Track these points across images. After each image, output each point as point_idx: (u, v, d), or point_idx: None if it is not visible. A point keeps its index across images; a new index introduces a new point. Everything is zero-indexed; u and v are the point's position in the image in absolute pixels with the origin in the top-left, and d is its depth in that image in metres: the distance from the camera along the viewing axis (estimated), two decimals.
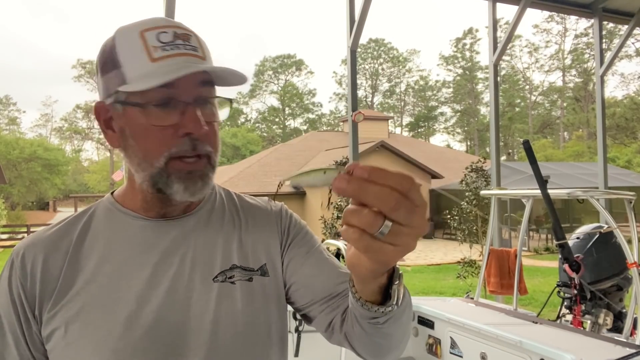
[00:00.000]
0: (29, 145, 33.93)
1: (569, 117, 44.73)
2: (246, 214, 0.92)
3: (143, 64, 0.74)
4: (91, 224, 0.83)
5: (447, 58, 51.34)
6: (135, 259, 0.80)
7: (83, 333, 0.74)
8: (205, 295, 0.80)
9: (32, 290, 0.77)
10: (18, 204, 34.30)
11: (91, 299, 0.76)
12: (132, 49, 0.75)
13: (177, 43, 0.75)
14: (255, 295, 0.84)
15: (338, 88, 55.05)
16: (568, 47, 45.90)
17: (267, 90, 55.61)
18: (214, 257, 0.84)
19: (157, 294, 0.78)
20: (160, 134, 0.75)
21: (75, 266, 0.78)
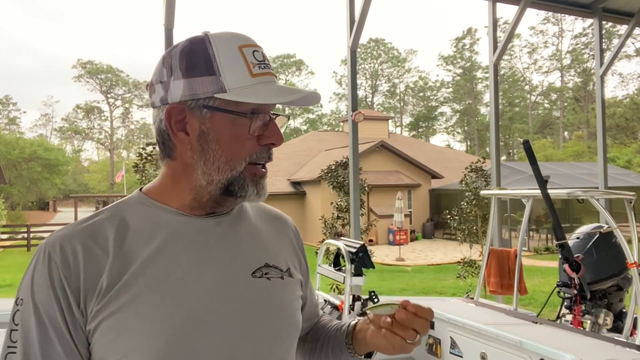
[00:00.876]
0: (29, 145, 33.92)
1: (569, 117, 44.73)
2: (269, 220, 1.02)
3: (245, 78, 0.82)
4: (127, 219, 0.85)
5: (446, 58, 51.34)
6: (179, 253, 0.83)
7: (134, 324, 0.76)
8: (247, 290, 0.85)
9: (76, 283, 0.77)
10: (18, 204, 34.30)
11: (140, 291, 0.78)
12: (234, 61, 0.82)
13: (265, 62, 0.86)
14: (287, 292, 0.92)
15: (338, 88, 55.06)
16: (565, 48, 45.95)
17: None
18: (250, 254, 0.90)
19: (203, 287, 0.81)
20: (247, 142, 0.84)
21: (120, 261, 0.79)
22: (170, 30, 5.51)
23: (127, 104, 52.75)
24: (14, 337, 0.77)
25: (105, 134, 53.28)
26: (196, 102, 0.82)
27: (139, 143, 46.81)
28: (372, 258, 2.89)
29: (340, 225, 9.40)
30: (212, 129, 0.83)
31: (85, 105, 51.87)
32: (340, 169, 10.13)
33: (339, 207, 9.49)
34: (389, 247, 17.32)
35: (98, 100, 52.32)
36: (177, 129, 0.84)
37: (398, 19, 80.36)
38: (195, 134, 0.83)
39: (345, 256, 2.77)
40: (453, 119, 53.46)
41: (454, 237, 15.13)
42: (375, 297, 2.82)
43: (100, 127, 53.52)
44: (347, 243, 2.92)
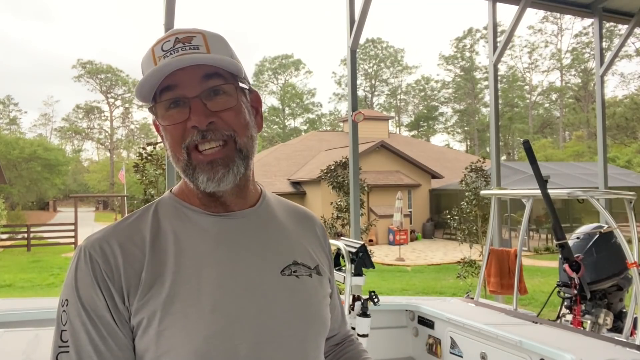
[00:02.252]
0: (29, 145, 33.89)
1: (569, 117, 44.71)
2: (296, 217, 1.02)
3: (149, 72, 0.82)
4: (160, 220, 0.87)
5: (447, 58, 51.35)
6: (210, 253, 0.84)
7: (173, 322, 0.78)
8: (277, 287, 0.86)
9: (119, 282, 0.79)
10: (18, 204, 34.29)
11: (177, 290, 0.79)
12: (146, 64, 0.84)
13: (176, 47, 0.82)
14: (316, 290, 0.92)
15: (338, 88, 55.09)
16: (565, 47, 45.93)
17: (267, 90, 55.63)
18: (279, 252, 0.91)
19: (235, 285, 0.83)
20: (176, 131, 0.83)
21: (156, 259, 0.82)
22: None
23: (127, 104, 52.78)
24: (64, 337, 0.78)
25: (105, 134, 53.32)
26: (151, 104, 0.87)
27: (139, 143, 46.76)
28: (372, 258, 2.89)
29: (340, 225, 9.40)
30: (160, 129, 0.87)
31: (85, 105, 51.89)
32: (340, 169, 10.14)
33: (338, 207, 9.50)
34: (389, 247, 17.31)
35: (98, 100, 52.39)
36: (157, 130, 0.90)
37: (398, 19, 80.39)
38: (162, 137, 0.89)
39: (345, 256, 2.77)
40: (453, 119, 53.47)
41: (454, 237, 15.13)
42: (375, 297, 2.82)
43: (100, 127, 53.56)
44: (347, 243, 2.92)
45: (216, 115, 0.82)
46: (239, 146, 0.84)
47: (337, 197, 9.88)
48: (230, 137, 0.83)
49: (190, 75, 0.81)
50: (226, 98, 0.84)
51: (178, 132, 0.83)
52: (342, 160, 10.15)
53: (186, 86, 0.81)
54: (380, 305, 2.88)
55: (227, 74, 0.84)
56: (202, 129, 0.81)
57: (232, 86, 0.84)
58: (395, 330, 3.30)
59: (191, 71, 0.81)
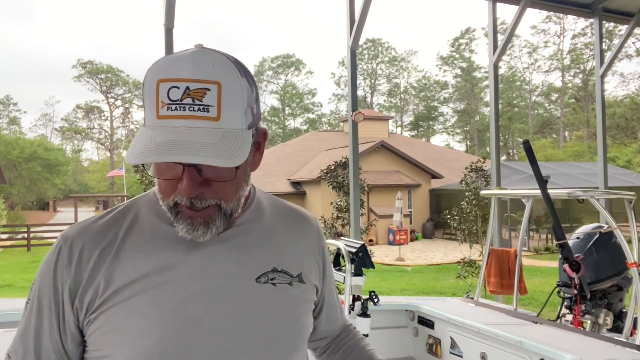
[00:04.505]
0: (29, 145, 33.89)
1: (569, 117, 44.71)
2: (290, 220, 0.99)
3: (153, 117, 0.76)
4: (137, 218, 0.87)
5: (445, 58, 51.34)
6: (181, 254, 0.83)
7: (128, 319, 0.77)
8: (249, 295, 0.84)
9: (77, 278, 0.80)
10: (18, 204, 34.29)
11: (139, 289, 0.79)
12: (149, 96, 0.77)
13: (184, 102, 0.74)
14: (294, 299, 0.90)
15: (337, 88, 55.09)
16: (567, 47, 45.93)
17: (267, 90, 55.64)
18: (256, 259, 0.88)
19: (203, 290, 0.81)
20: (165, 184, 0.81)
21: (122, 257, 0.81)
22: (170, 30, 5.51)
23: (127, 104, 52.76)
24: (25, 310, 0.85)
25: (105, 134, 53.29)
26: None
27: None
28: (372, 258, 2.89)
29: (340, 225, 9.40)
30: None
31: (85, 105, 51.88)
32: (340, 169, 10.14)
33: (338, 207, 9.50)
34: (389, 247, 17.31)
35: (98, 100, 52.38)
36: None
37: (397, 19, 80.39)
38: None
39: (345, 256, 2.77)
40: (452, 119, 53.47)
41: (454, 237, 15.13)
42: (375, 297, 2.81)
43: (100, 127, 53.54)
44: (347, 243, 2.92)
45: (207, 185, 0.78)
46: (224, 210, 0.81)
47: (337, 197, 9.88)
48: (216, 204, 0.80)
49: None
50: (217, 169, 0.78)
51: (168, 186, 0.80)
52: (342, 160, 10.15)
53: None
54: (380, 305, 2.88)
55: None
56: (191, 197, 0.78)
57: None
58: (395, 330, 3.30)
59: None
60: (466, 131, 52.50)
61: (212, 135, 0.74)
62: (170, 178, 0.79)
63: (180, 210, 0.81)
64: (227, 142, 0.74)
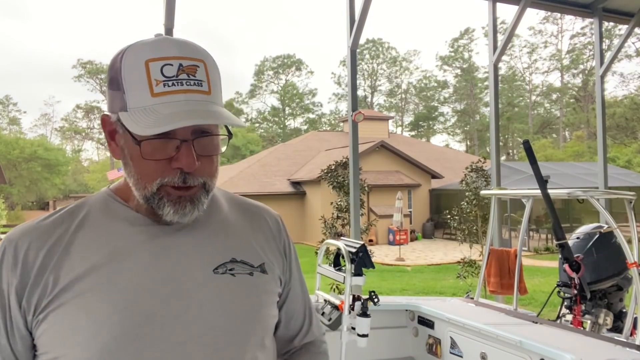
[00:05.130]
0: (29, 145, 33.93)
1: (569, 117, 44.72)
2: (246, 213, 0.98)
3: (144, 97, 0.76)
4: (87, 215, 0.85)
5: (444, 59, 51.36)
6: (134, 250, 0.81)
7: (79, 318, 0.76)
8: (206, 286, 0.83)
9: (23, 279, 0.78)
10: (18, 204, 34.30)
11: (90, 286, 0.77)
12: (136, 78, 0.77)
13: (180, 78, 0.77)
14: (255, 289, 0.88)
15: (337, 88, 55.09)
16: (565, 47, 45.94)
17: (268, 90, 55.64)
18: (213, 250, 0.87)
19: (157, 284, 0.80)
20: (154, 165, 0.79)
21: (72, 254, 0.80)
22: (171, 30, 5.51)
23: None
24: None
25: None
26: (115, 116, 0.81)
27: None
28: (372, 258, 2.89)
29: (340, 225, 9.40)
30: (126, 146, 0.81)
31: (85, 105, 51.88)
32: (340, 169, 10.13)
33: (339, 207, 9.49)
34: (389, 247, 17.31)
35: (98, 100, 52.34)
36: (110, 138, 0.85)
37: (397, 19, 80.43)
38: (120, 147, 0.83)
39: (345, 256, 2.77)
40: (452, 120, 53.47)
41: (454, 237, 15.13)
42: (375, 297, 2.82)
43: (100, 127, 53.48)
44: (347, 243, 2.92)
45: (199, 160, 0.80)
46: (207, 188, 0.84)
47: (337, 197, 9.87)
48: (203, 182, 0.82)
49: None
50: (211, 143, 0.83)
51: (157, 167, 0.79)
52: (342, 160, 10.14)
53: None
54: (380, 305, 2.88)
55: None
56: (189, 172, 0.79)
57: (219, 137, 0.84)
58: (395, 330, 3.30)
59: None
60: (466, 131, 52.51)
61: (211, 106, 0.78)
62: (162, 158, 0.78)
63: (166, 193, 0.80)
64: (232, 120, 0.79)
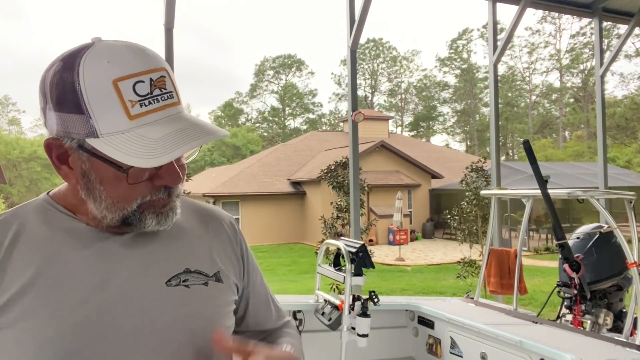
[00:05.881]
0: (29, 145, 33.96)
1: (569, 117, 44.72)
2: (200, 219, 0.94)
3: (121, 121, 0.69)
4: (26, 225, 0.78)
5: (443, 60, 51.36)
6: (82, 263, 0.76)
7: (23, 342, 0.70)
8: (159, 300, 0.79)
9: None
10: (17, 204, 34.30)
11: (29, 305, 0.71)
12: (105, 101, 0.69)
13: (154, 95, 0.71)
14: (211, 299, 0.85)
15: (338, 88, 55.08)
16: (564, 47, 45.94)
17: (268, 90, 55.65)
18: (166, 261, 0.83)
19: (108, 299, 0.75)
20: (135, 186, 0.75)
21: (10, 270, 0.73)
22: (170, 30, 5.51)
23: None
24: None
25: None
26: (71, 140, 0.73)
27: None
28: (372, 258, 2.89)
29: (340, 225, 9.40)
30: (93, 170, 0.74)
31: None
32: (340, 169, 10.13)
33: (339, 207, 9.49)
34: (389, 247, 17.32)
35: None
36: (60, 162, 0.77)
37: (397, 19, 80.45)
38: (78, 171, 0.76)
39: (345, 256, 2.77)
40: (452, 120, 53.45)
41: (454, 237, 15.13)
42: (375, 297, 2.82)
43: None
44: (347, 243, 2.92)
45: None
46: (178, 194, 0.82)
47: (337, 197, 9.87)
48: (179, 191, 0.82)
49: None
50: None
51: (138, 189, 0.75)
52: (342, 160, 10.14)
53: None
54: (380, 305, 2.88)
55: None
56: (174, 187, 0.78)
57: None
58: (395, 330, 3.30)
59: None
60: (466, 131, 52.52)
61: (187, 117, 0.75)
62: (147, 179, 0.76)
63: (148, 206, 0.77)
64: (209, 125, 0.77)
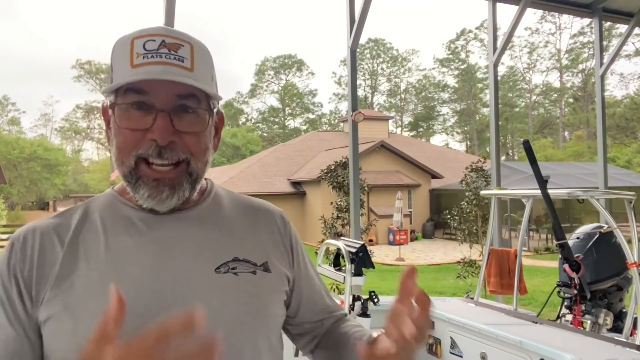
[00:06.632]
0: (29, 145, 33.93)
1: (569, 117, 44.71)
2: (249, 212, 0.97)
3: (125, 70, 0.78)
4: (90, 213, 0.86)
5: (441, 61, 51.34)
6: (136, 249, 0.81)
7: (83, 318, 0.75)
8: (208, 286, 0.81)
9: (29, 274, 0.78)
10: (17, 204, 34.30)
11: (91, 285, 0.77)
12: (121, 55, 0.79)
13: (160, 52, 0.78)
14: (259, 288, 0.87)
15: (338, 88, 55.07)
16: (564, 47, 45.93)
17: (268, 90, 55.64)
18: (215, 250, 0.86)
19: (159, 284, 0.79)
20: (131, 135, 0.79)
21: (74, 253, 0.80)
22: None
23: None
24: None
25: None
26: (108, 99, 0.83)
27: None
28: (372, 258, 2.89)
29: (340, 225, 9.40)
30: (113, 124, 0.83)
31: (85, 105, 51.90)
32: (340, 169, 10.13)
33: (339, 207, 9.49)
34: (389, 247, 17.31)
35: (98, 101, 52.32)
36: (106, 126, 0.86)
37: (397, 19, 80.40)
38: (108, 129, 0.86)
39: (345, 256, 2.77)
40: (452, 120, 53.44)
41: (454, 237, 15.13)
42: (375, 297, 2.82)
43: (100, 127, 53.51)
44: (347, 243, 2.92)
45: (178, 135, 0.79)
46: (191, 169, 0.82)
47: (337, 197, 9.88)
48: (184, 160, 0.81)
49: (166, 86, 0.77)
50: (195, 120, 0.81)
51: (133, 138, 0.79)
52: (342, 160, 10.14)
53: (157, 96, 0.78)
54: (380, 305, 2.88)
55: (203, 95, 0.82)
56: (162, 145, 0.78)
57: (204, 111, 0.82)
58: None
59: (168, 84, 0.77)
60: (466, 131, 52.50)
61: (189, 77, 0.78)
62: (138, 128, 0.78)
63: (143, 172, 0.79)
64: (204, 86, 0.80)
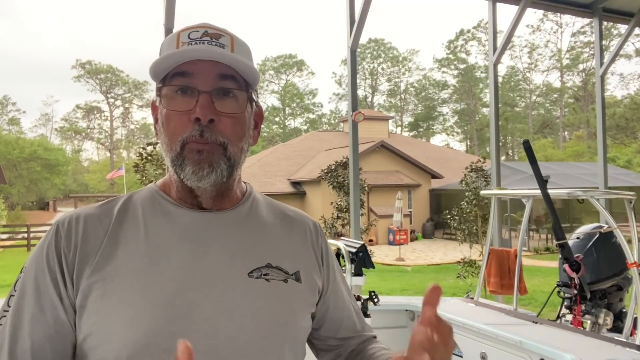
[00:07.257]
0: (29, 145, 33.92)
1: (569, 117, 44.72)
2: (284, 222, 0.97)
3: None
4: (131, 206, 0.88)
5: (441, 61, 51.33)
6: (174, 244, 0.82)
7: (118, 309, 0.76)
8: (240, 289, 0.82)
9: (73, 257, 0.79)
10: (18, 204, 34.30)
11: (128, 276, 0.78)
12: (168, 46, 0.84)
13: (203, 39, 0.83)
14: (289, 296, 0.87)
15: (338, 88, 55.05)
16: (565, 46, 45.93)
17: (268, 90, 55.62)
18: (250, 253, 0.87)
19: (194, 282, 0.80)
20: (178, 120, 0.82)
21: (114, 242, 0.82)
22: (170, 30, 5.51)
23: (127, 104, 52.75)
24: (10, 302, 0.79)
25: (105, 133, 53.28)
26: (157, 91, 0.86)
27: (139, 143, 46.76)
28: (372, 258, 2.89)
29: (340, 225, 9.40)
30: (160, 115, 0.86)
31: (85, 105, 51.87)
32: (340, 169, 10.14)
33: (339, 207, 9.50)
34: (389, 247, 17.31)
35: (98, 100, 52.37)
36: (155, 122, 0.90)
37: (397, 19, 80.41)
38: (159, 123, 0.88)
39: (345, 256, 2.77)
40: (452, 120, 53.44)
41: (454, 237, 15.13)
42: (375, 297, 2.82)
43: (100, 127, 53.56)
44: (347, 243, 2.92)
45: (218, 116, 0.81)
46: (228, 154, 0.84)
47: (337, 197, 9.88)
48: (222, 144, 0.83)
49: (207, 69, 0.81)
50: (234, 103, 0.84)
51: (180, 121, 0.82)
52: (342, 160, 10.15)
53: (200, 78, 0.81)
54: (380, 305, 2.88)
55: (242, 80, 0.85)
56: (204, 123, 0.80)
57: (243, 94, 0.85)
58: (395, 330, 3.30)
59: (209, 66, 0.81)
60: (466, 131, 52.49)
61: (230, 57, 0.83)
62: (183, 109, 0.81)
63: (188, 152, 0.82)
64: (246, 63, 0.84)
